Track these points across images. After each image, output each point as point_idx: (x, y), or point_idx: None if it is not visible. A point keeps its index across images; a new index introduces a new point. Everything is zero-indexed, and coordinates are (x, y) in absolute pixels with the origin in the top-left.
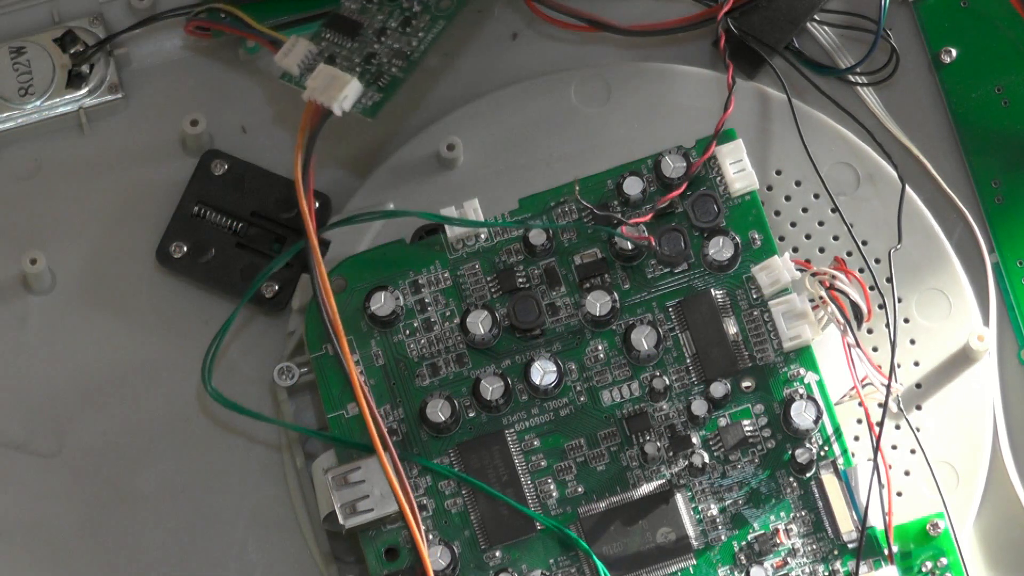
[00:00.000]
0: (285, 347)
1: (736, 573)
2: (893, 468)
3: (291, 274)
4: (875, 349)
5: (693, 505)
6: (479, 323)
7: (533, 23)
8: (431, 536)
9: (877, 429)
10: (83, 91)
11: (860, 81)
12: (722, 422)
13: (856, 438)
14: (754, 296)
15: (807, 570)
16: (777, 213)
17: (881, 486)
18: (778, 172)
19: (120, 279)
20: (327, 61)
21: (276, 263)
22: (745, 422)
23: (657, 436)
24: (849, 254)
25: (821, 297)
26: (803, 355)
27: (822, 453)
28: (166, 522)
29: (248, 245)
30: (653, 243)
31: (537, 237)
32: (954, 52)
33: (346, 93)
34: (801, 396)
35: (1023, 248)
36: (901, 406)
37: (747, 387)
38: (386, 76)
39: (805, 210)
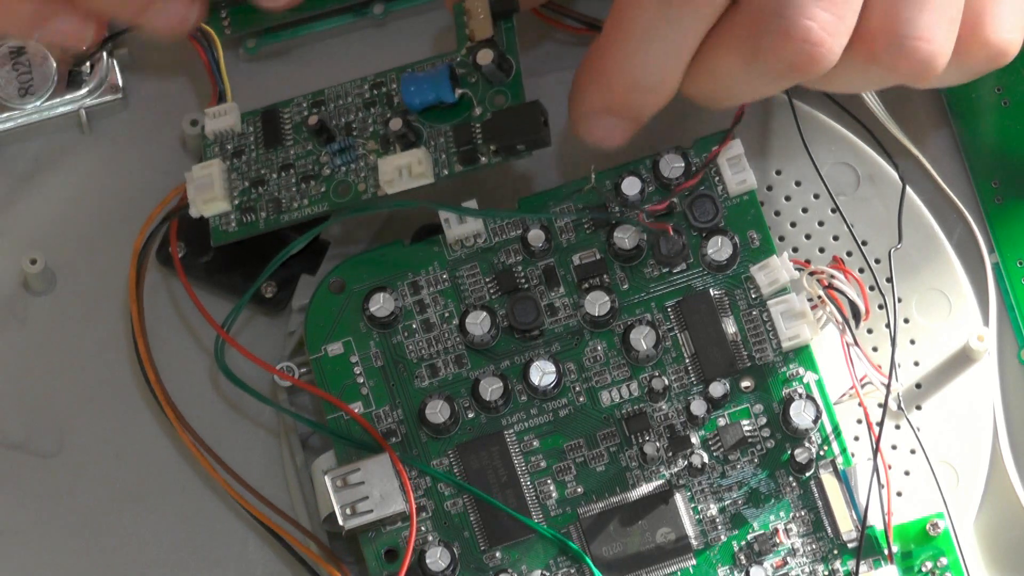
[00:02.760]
0: (285, 347)
1: (736, 573)
2: (893, 468)
3: (291, 274)
4: (875, 349)
5: (692, 505)
6: (478, 324)
7: (531, 23)
8: (431, 537)
9: (877, 429)
10: (83, 91)
11: None
12: (721, 422)
13: (856, 438)
14: (753, 296)
15: (807, 570)
16: (777, 213)
17: (881, 486)
18: (778, 172)
19: (120, 279)
20: (234, 154)
21: (277, 261)
22: (744, 422)
23: (656, 436)
24: (849, 254)
25: (819, 296)
26: (802, 355)
27: (821, 453)
28: (166, 522)
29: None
30: (671, 231)
31: (536, 238)
32: None
33: (211, 209)
34: (800, 396)
35: (1023, 248)
36: (901, 406)
37: (746, 387)
38: (251, 215)
39: (805, 210)
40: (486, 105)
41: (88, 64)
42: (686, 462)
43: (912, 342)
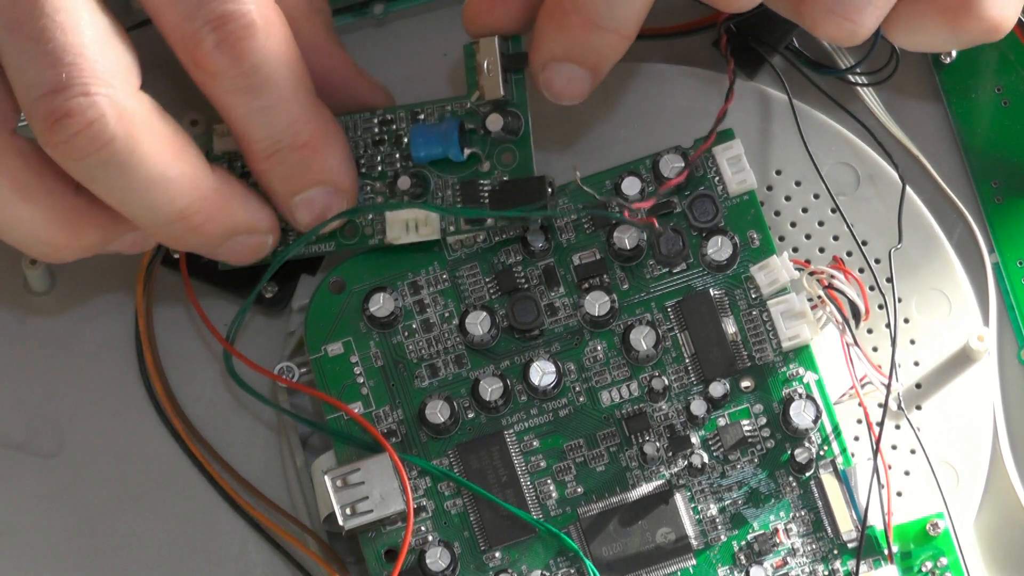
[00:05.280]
0: (285, 347)
1: (736, 573)
2: (893, 468)
3: (291, 274)
4: (875, 349)
5: (692, 505)
6: (478, 324)
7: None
8: (431, 537)
9: (877, 429)
10: None
11: (860, 81)
12: (721, 422)
13: (856, 438)
14: (753, 296)
15: (807, 570)
16: (777, 213)
17: (881, 486)
18: (778, 172)
19: (119, 279)
20: (242, 175)
21: (275, 265)
22: (744, 422)
23: (656, 436)
24: (849, 254)
25: (819, 296)
26: (802, 355)
27: (821, 453)
28: (166, 522)
29: None
30: (657, 225)
31: (536, 238)
32: (954, 52)
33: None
34: (800, 396)
35: (1023, 248)
36: (901, 406)
37: (746, 387)
38: None
39: (805, 210)
40: (493, 162)
41: None
42: (686, 462)
43: (912, 342)
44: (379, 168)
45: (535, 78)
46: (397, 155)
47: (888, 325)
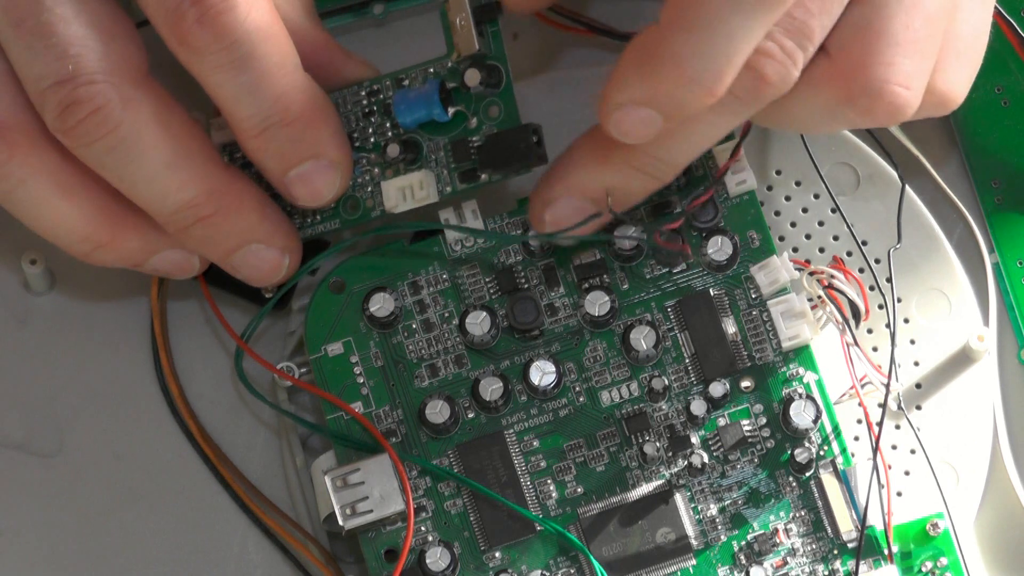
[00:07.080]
0: (285, 347)
1: (736, 573)
2: (893, 468)
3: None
4: (875, 349)
5: (692, 505)
6: (478, 324)
7: (533, 24)
8: (431, 537)
9: (877, 429)
10: None
11: None
12: (721, 422)
13: (856, 438)
14: (753, 296)
15: (807, 570)
16: (777, 213)
17: (881, 486)
18: (778, 172)
19: (120, 280)
20: (243, 165)
21: (297, 276)
22: (744, 422)
23: (656, 436)
24: (849, 254)
25: (819, 296)
26: (802, 355)
27: (821, 453)
28: (166, 522)
29: None
30: (690, 253)
31: (535, 238)
32: None
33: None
34: (800, 396)
35: (1023, 248)
36: (901, 406)
37: (746, 387)
38: None
39: (805, 210)
40: (480, 117)
41: None
42: (686, 462)
43: (912, 342)
44: (372, 140)
45: (602, 113)
46: (388, 124)
47: (888, 325)
